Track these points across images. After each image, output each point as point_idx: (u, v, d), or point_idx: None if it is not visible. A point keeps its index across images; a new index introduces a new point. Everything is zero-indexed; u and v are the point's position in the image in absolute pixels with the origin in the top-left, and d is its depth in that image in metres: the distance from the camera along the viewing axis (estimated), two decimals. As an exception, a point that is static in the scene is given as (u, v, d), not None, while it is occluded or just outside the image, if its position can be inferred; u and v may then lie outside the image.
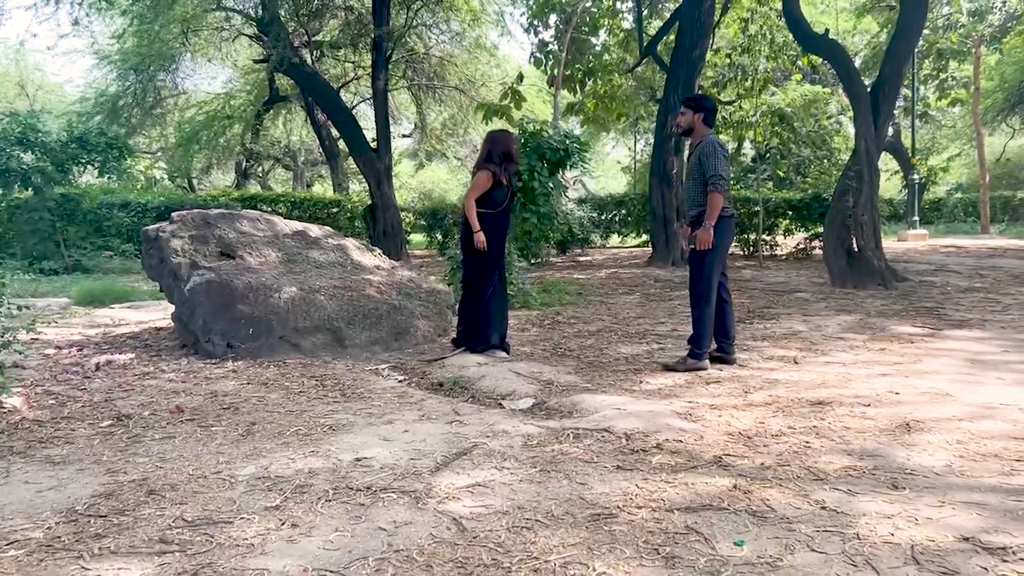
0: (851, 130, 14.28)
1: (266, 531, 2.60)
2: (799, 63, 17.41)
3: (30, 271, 12.49)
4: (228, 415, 4.23)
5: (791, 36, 12.59)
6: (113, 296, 9.63)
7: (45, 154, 14.00)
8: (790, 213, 16.06)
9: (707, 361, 5.35)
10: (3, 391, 4.35)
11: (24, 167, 13.64)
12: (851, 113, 11.62)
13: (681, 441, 3.59)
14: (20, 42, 31.75)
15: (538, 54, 17.05)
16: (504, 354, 5.86)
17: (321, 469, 3.23)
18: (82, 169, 15.50)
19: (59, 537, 2.59)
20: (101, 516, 2.76)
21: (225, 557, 2.41)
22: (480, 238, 5.70)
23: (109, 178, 16.82)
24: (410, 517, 2.71)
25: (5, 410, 4.24)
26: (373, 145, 17.05)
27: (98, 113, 21.31)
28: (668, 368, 5.33)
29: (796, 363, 5.49)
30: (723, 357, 5.48)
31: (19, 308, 4.72)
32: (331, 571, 2.30)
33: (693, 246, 5.31)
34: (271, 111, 24.14)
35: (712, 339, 5.43)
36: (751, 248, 15.59)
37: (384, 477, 3.13)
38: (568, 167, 11.55)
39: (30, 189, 14.04)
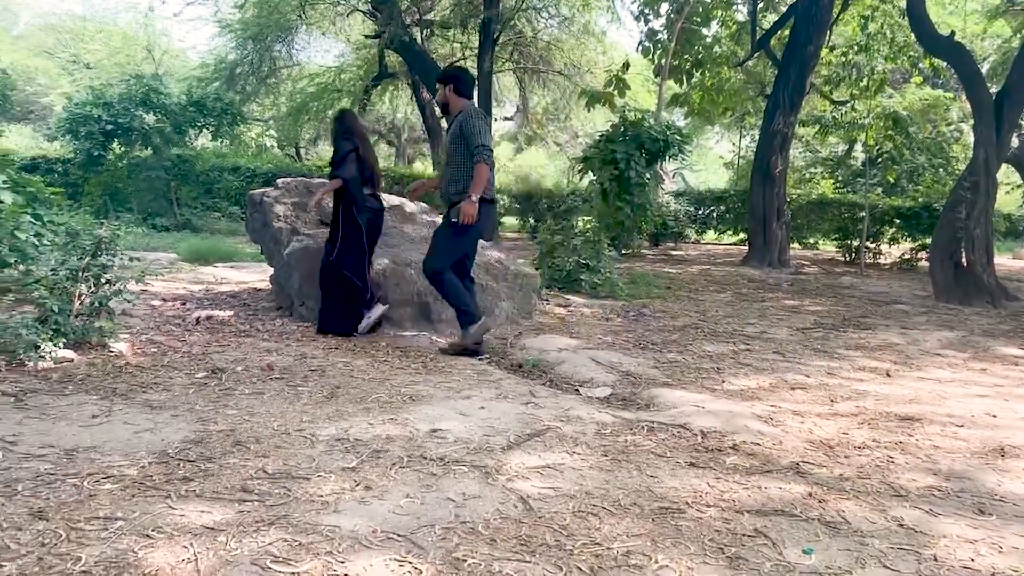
0: (971, 139, 13.51)
1: (341, 490, 2.70)
2: (920, 65, 16.61)
3: (144, 226, 13.19)
4: (315, 377, 4.39)
5: (913, 36, 12.01)
6: (218, 255, 10.06)
7: (165, 116, 14.73)
8: (897, 221, 15.42)
9: (481, 323, 5.23)
10: (111, 336, 4.65)
11: (146, 127, 14.39)
12: (972, 121, 11.00)
13: (759, 444, 3.52)
14: (150, 8, 33.33)
15: (647, 43, 16.78)
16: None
17: (398, 436, 3.32)
18: (198, 132, 16.21)
19: (151, 476, 2.75)
20: (190, 461, 2.92)
21: (300, 511, 2.51)
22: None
23: (222, 142, 17.58)
24: (479, 491, 2.76)
25: (112, 354, 4.52)
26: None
27: (216, 79, 22.16)
28: (445, 352, 5.28)
29: (888, 376, 5.29)
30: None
31: (131, 260, 5.02)
32: (399, 535, 2.37)
33: (456, 220, 5.08)
34: (379, 87, 24.60)
35: (475, 304, 5.34)
36: (852, 254, 15.04)
37: (457, 450, 3.19)
38: (667, 159, 11.38)
39: (149, 148, 14.80)
